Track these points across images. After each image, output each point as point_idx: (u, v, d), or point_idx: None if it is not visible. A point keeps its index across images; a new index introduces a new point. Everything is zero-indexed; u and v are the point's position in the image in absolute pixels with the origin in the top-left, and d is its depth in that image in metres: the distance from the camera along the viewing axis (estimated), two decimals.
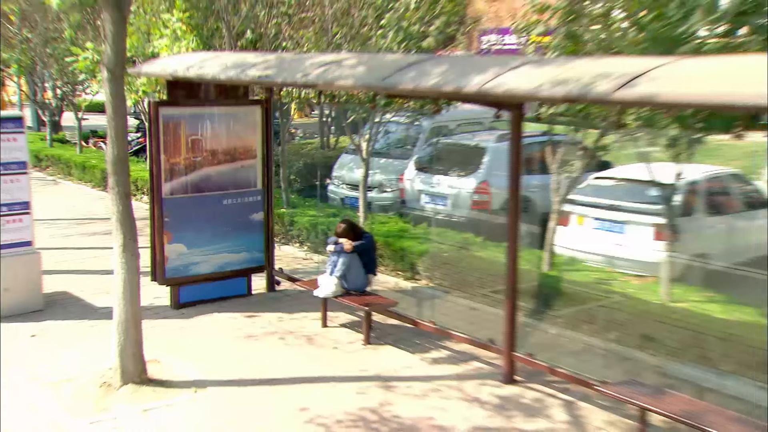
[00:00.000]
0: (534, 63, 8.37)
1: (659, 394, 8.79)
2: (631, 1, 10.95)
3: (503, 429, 9.23)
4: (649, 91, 6.69)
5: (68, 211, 20.64)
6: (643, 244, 13.72)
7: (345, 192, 20.06)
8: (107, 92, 9.90)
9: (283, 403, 9.88)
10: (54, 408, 9.79)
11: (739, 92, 6.24)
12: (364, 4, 16.23)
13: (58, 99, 28.30)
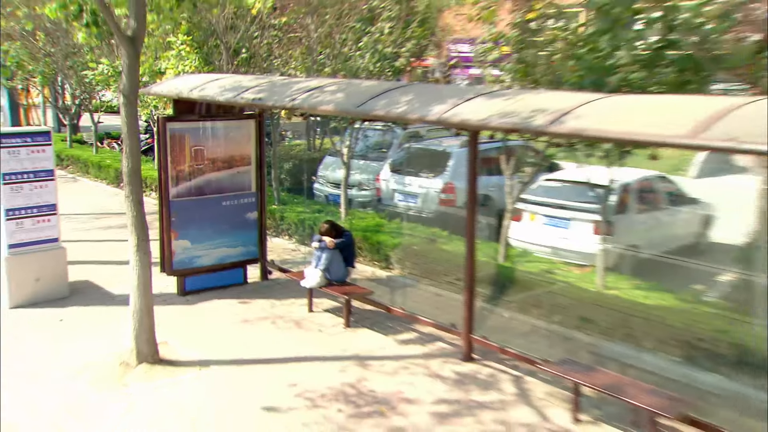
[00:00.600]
0: (486, 95, 8.70)
1: (590, 370, 9.22)
2: (570, 35, 11.37)
3: (461, 401, 9.58)
4: (576, 126, 7.18)
5: (87, 207, 20.47)
6: (584, 238, 13.94)
7: (329, 190, 19.97)
8: (123, 114, 10.17)
9: (275, 379, 10.16)
10: (81, 384, 10.08)
11: (645, 131, 6.76)
12: (344, 28, 16.39)
13: (76, 105, 28.29)
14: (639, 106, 7.54)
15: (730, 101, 6.59)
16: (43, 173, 12.79)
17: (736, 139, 5.96)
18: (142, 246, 10.31)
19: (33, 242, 12.83)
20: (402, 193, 18.27)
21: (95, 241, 16.99)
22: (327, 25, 16.43)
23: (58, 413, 9.42)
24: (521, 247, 15.10)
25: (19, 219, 12.64)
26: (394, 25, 15.95)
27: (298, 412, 9.34)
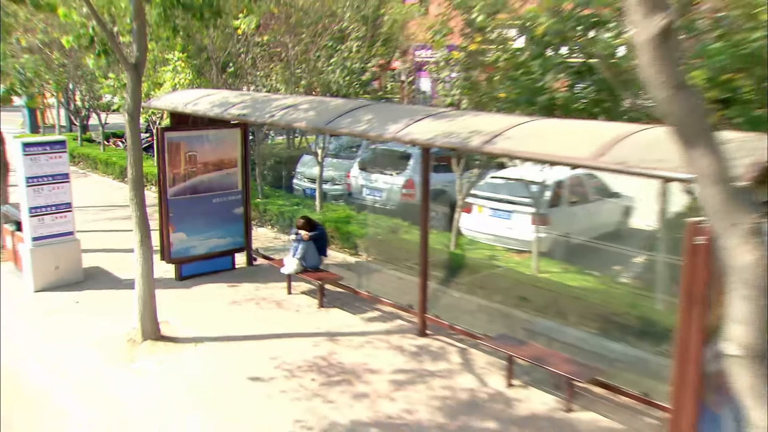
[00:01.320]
0: (433, 116, 9.08)
1: (521, 344, 9.78)
2: (508, 59, 11.76)
3: (416, 370, 10.06)
4: (504, 147, 7.69)
5: (96, 200, 20.52)
6: (523, 228, 14.27)
7: (306, 185, 20.05)
8: (127, 129, 10.59)
9: (259, 353, 10.57)
10: (96, 357, 10.57)
11: (557, 153, 7.30)
12: (319, 46, 16.70)
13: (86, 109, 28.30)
14: (555, 130, 7.99)
15: (624, 129, 7.09)
16: (60, 176, 13.12)
17: (625, 162, 6.53)
18: (145, 241, 10.76)
19: (52, 235, 13.19)
20: (369, 188, 18.43)
21: (104, 231, 17.13)
22: (303, 44, 16.63)
23: (80, 379, 9.93)
24: (471, 235, 15.42)
25: (41, 216, 13.00)
26: (361, 45, 16.27)
27: (277, 381, 9.75)
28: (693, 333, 6.24)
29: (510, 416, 8.88)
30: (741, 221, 4.19)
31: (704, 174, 4.21)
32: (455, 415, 8.88)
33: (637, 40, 4.07)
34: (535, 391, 9.47)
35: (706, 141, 4.17)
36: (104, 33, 10.00)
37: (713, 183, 4.19)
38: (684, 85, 4.11)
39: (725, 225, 4.23)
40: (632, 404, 8.91)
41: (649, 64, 4.05)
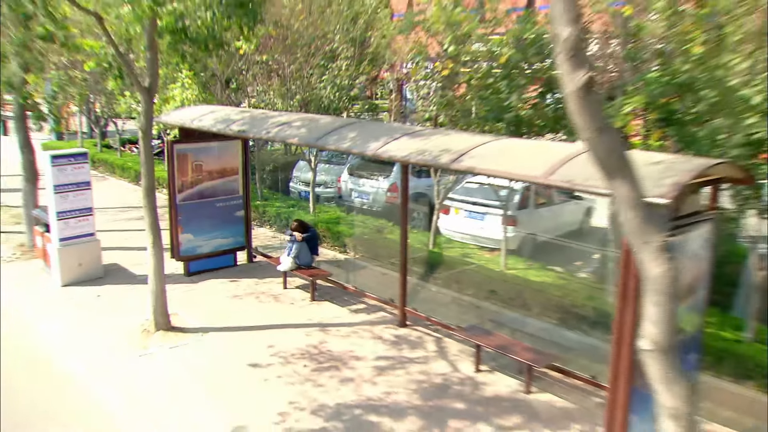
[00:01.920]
0: (409, 135, 9.37)
1: (488, 334, 10.21)
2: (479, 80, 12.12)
3: (396, 357, 10.45)
4: (469, 165, 8.07)
5: (114, 201, 20.74)
6: (495, 228, 14.54)
7: (301, 188, 20.08)
8: (141, 145, 10.97)
9: (257, 342, 10.94)
10: (115, 345, 10.98)
11: (514, 171, 7.70)
12: (311, 65, 17.02)
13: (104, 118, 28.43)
14: (513, 150, 8.32)
15: (573, 150, 7.45)
16: (83, 184, 13.51)
17: (572, 181, 6.96)
18: (157, 243, 11.15)
19: (76, 236, 13.58)
20: (357, 192, 18.63)
21: (121, 230, 17.37)
22: (298, 63, 16.86)
23: (102, 362, 10.40)
24: (449, 235, 15.70)
25: (66, 219, 13.40)
26: (350, 63, 16.57)
27: (274, 367, 10.14)
28: (626, 325, 6.70)
29: (477, 398, 9.32)
30: (652, 240, 4.65)
31: (622, 200, 4.67)
32: (429, 397, 9.29)
33: (565, 91, 4.53)
34: (500, 376, 9.90)
35: (624, 174, 4.63)
36: (121, 60, 10.38)
37: (630, 208, 4.66)
38: (605, 127, 4.57)
39: (640, 242, 4.70)
40: (583, 386, 9.39)
41: (576, 111, 4.51)
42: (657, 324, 4.76)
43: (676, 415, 4.89)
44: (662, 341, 4.78)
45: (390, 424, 8.66)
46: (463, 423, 8.69)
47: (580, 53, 4.38)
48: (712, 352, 9.88)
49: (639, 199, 4.65)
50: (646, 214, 4.66)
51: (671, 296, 4.70)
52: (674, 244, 6.93)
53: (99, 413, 9.17)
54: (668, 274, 4.66)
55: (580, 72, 4.38)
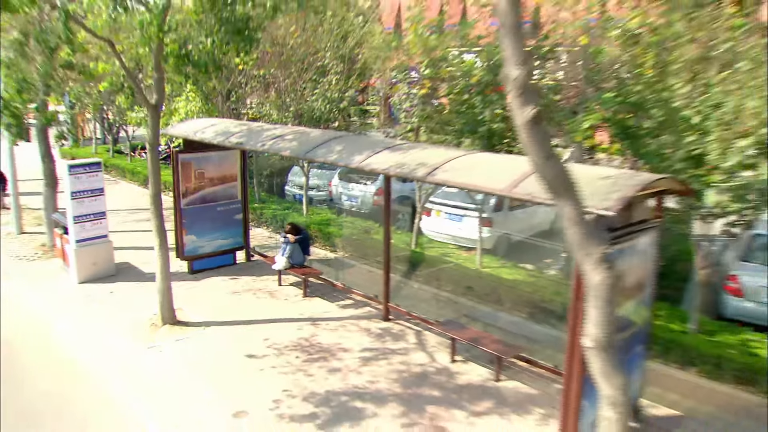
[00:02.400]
0: (390, 148, 9.67)
1: (462, 328, 10.53)
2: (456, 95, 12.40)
3: (380, 349, 10.74)
4: (442, 178, 8.37)
5: (125, 204, 20.91)
6: (472, 229, 14.77)
7: (296, 191, 20.18)
8: (148, 156, 11.26)
9: (254, 335, 11.22)
10: (126, 337, 11.29)
11: (481, 184, 8.03)
12: (304, 80, 17.22)
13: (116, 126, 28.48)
14: (482, 164, 8.60)
15: None
16: (97, 190, 13.83)
17: (532, 194, 7.30)
18: (163, 245, 11.44)
19: (91, 238, 13.89)
20: (347, 195, 18.82)
21: (131, 231, 17.56)
22: (292, 77, 17.08)
23: (114, 353, 10.72)
24: (430, 235, 15.93)
25: (82, 223, 13.71)
26: (339, 78, 16.81)
27: (269, 358, 10.44)
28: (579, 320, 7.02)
29: (452, 385, 9.65)
30: (592, 252, 5.01)
31: (567, 217, 5.02)
32: (409, 385, 9.61)
33: (517, 123, 4.87)
34: (473, 365, 10.22)
35: (568, 194, 4.99)
36: (131, 81, 10.67)
37: (573, 224, 5.00)
38: (551, 155, 4.92)
39: (582, 254, 5.06)
40: (547, 374, 9.74)
41: (525, 140, 4.85)
42: (597, 325, 5.12)
43: (613, 403, 5.26)
44: (602, 340, 5.14)
45: (373, 410, 8.97)
46: (438, 408, 9.02)
47: (529, 91, 4.72)
48: (661, 342, 10.29)
49: (581, 216, 5.00)
50: (587, 229, 5.01)
51: (609, 301, 5.06)
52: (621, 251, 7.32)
53: (112, 399, 9.51)
54: (607, 281, 5.01)
55: (528, 107, 4.73)
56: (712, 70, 9.08)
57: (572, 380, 7.24)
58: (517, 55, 4.64)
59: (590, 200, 6.87)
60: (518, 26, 4.63)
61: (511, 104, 4.81)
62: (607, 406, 5.33)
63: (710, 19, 9.33)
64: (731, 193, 8.92)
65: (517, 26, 4.63)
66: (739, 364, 9.64)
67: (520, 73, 4.66)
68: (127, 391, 9.64)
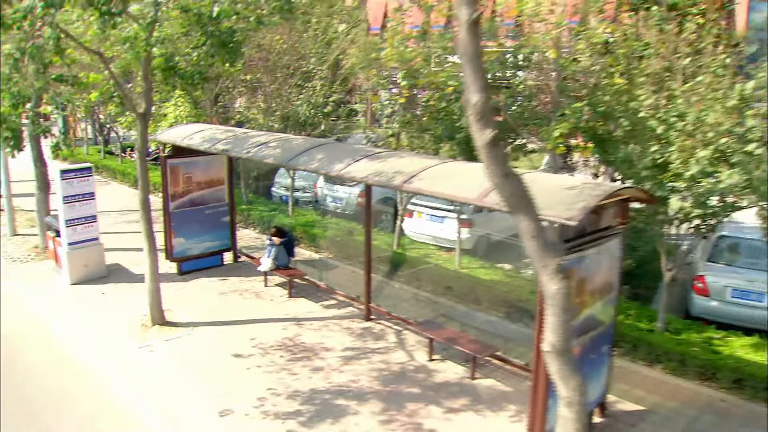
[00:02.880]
0: (369, 157, 9.88)
1: (439, 328, 10.84)
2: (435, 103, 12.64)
3: (361, 348, 11.03)
4: (418, 186, 8.63)
5: (115, 205, 20.96)
6: (453, 230, 14.90)
7: (282, 192, 20.05)
8: (137, 163, 11.50)
9: (241, 335, 11.49)
10: (116, 338, 11.54)
11: (454, 193, 8.31)
12: (290, 85, 17.42)
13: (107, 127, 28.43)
14: (456, 173, 8.85)
15: None
16: (88, 195, 14.03)
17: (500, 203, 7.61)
18: (152, 249, 11.68)
19: (83, 241, 14.10)
20: (332, 197, 18.96)
21: (122, 232, 17.67)
22: (278, 82, 17.28)
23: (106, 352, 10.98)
24: (413, 236, 16.13)
25: (74, 226, 13.92)
26: (324, 83, 17.04)
27: (254, 357, 10.72)
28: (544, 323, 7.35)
29: (430, 383, 9.96)
30: (548, 264, 5.32)
31: (525, 232, 5.33)
32: (388, 383, 9.92)
33: (477, 145, 5.17)
34: (450, 364, 10.53)
35: (525, 210, 5.30)
36: (120, 91, 10.90)
37: (530, 238, 5.32)
38: (509, 173, 5.23)
39: (539, 265, 5.37)
40: (520, 372, 10.05)
41: (485, 161, 5.16)
42: (554, 331, 5.44)
43: (570, 402, 5.59)
44: (558, 345, 5.46)
45: (355, 407, 9.28)
46: (416, 405, 9.34)
47: (487, 115, 5.02)
48: (630, 341, 10.66)
49: (537, 229, 5.31)
50: (544, 241, 5.33)
51: (565, 309, 5.38)
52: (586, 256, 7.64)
53: (106, 397, 9.83)
54: (562, 291, 5.33)
55: (487, 131, 5.03)
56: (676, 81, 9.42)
57: (539, 378, 7.56)
58: (476, 83, 4.94)
59: (555, 210, 7.21)
60: (477, 56, 4.92)
61: (472, 127, 5.11)
62: (564, 405, 5.65)
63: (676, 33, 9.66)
64: (693, 200, 9.26)
65: (477, 56, 4.92)
66: (702, 361, 10.01)
67: (479, 99, 4.95)
68: (119, 389, 9.95)
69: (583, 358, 8.14)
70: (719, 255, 12.46)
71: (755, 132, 8.73)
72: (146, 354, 10.96)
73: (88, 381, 10.33)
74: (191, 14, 9.66)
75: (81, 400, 9.75)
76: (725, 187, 8.78)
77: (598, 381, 8.70)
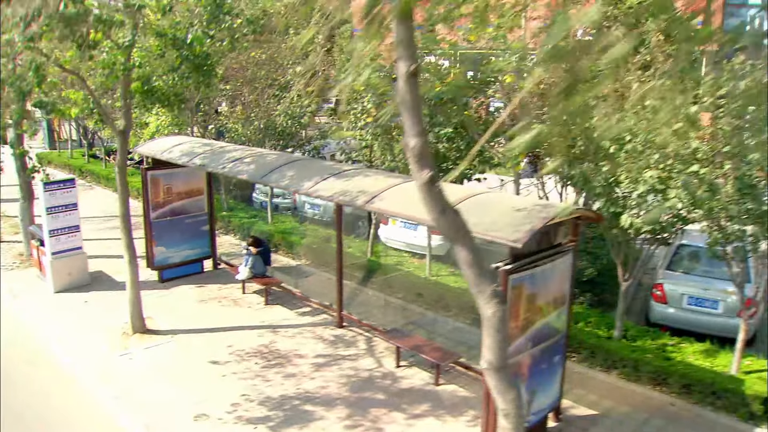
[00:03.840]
0: (336, 175, 10.35)
1: (405, 336, 11.32)
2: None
3: (332, 354, 11.49)
4: (379, 206, 9.12)
5: (99, 211, 21.40)
6: (425, 237, 15.27)
7: (263, 198, 20.10)
8: (117, 178, 11.90)
9: (219, 342, 11.95)
10: (98, 345, 11.98)
11: (411, 214, 8.76)
12: (268, 95, 17.83)
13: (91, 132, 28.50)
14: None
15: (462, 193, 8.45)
16: (71, 206, 14.46)
17: None
18: (132, 261, 12.12)
19: (66, 250, 14.54)
20: (310, 204, 19.23)
21: (105, 239, 18.00)
22: (256, 93, 17.69)
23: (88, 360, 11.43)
24: (388, 243, 16.56)
25: (58, 236, 14.36)
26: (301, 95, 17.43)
27: (231, 364, 11.20)
28: None
29: (395, 389, 10.47)
30: (484, 290, 5.83)
31: (462, 261, 5.84)
32: (356, 390, 10.42)
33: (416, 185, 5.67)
34: (416, 370, 11.03)
35: (463, 242, 5.80)
36: (100, 109, 11.34)
37: (467, 267, 5.82)
38: (446, 209, 5.73)
39: (476, 291, 5.88)
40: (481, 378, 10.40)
41: (423, 198, 5.66)
42: (491, 350, 5.95)
43: (507, 414, 6.11)
44: (495, 363, 5.98)
45: (322, 413, 9.78)
46: (381, 411, 9.85)
47: (424, 157, 5.51)
48: (588, 347, 11.20)
49: (474, 259, 5.81)
50: (480, 270, 5.84)
51: (500, 330, 5.89)
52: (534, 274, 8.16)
53: (84, 404, 10.29)
54: (497, 315, 5.84)
55: (424, 171, 5.53)
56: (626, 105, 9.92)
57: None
58: (414, 128, 5.43)
59: (503, 232, 7.75)
60: (416, 104, 5.41)
61: (411, 168, 5.60)
62: (502, 417, 6.17)
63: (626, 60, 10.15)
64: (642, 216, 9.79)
65: (415, 104, 5.40)
66: (654, 367, 10.55)
67: (417, 142, 5.43)
68: (99, 396, 10.41)
69: (534, 368, 8.69)
70: (678, 263, 13.01)
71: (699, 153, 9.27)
72: (126, 362, 11.40)
73: (70, 388, 10.77)
74: (167, 38, 10.12)
75: (61, 406, 10.21)
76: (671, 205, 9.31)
77: (552, 388, 9.23)
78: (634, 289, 15.15)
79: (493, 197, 8.97)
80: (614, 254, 11.17)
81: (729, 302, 11.84)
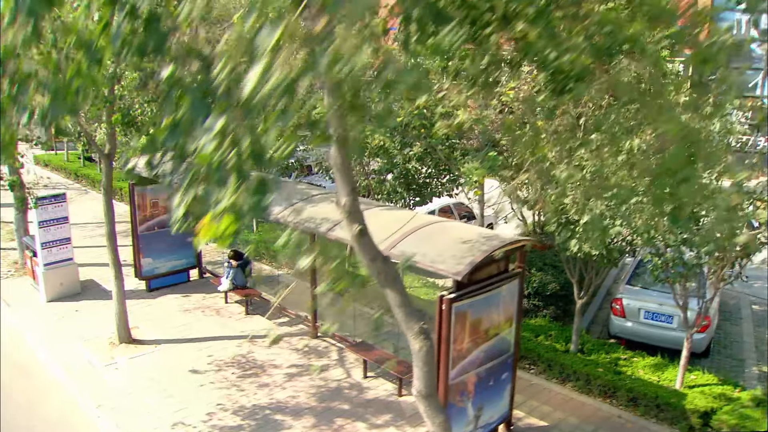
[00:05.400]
0: (305, 200, 11.07)
1: (370, 349, 12.00)
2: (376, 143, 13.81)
3: (305, 365, 12.18)
4: (338, 235, 9.82)
5: (92, 216, 21.77)
6: None
7: None
8: (103, 199, 12.60)
9: (200, 352, 12.64)
10: (86, 354, 12.69)
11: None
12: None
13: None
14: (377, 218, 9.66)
15: (416, 222, 9.29)
16: (62, 219, 15.18)
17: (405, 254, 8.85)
18: (118, 275, 12.82)
19: (58, 261, 15.28)
20: None
21: (96, 246, 18.34)
22: None
23: (76, 368, 12.13)
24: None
25: (50, 248, 15.09)
26: None
27: (209, 374, 11.92)
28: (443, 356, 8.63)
29: (360, 400, 11.20)
30: (413, 327, 6.58)
31: (392, 303, 6.59)
32: (324, 400, 11.15)
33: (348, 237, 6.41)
34: (381, 381, 11.76)
35: (392, 286, 6.54)
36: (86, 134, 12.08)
37: (397, 307, 6.57)
38: (377, 257, 6.46)
39: (405, 328, 6.63)
40: None
41: (355, 248, 6.40)
42: (420, 380, 6.70)
43: None
44: (424, 391, 6.73)
45: (290, 422, 10.53)
46: (345, 421, 10.60)
47: (354, 213, 6.24)
48: (545, 360, 11.93)
49: (403, 301, 6.56)
50: (408, 310, 6.59)
51: (428, 363, 6.64)
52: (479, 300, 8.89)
53: (69, 412, 11.06)
54: (424, 349, 6.59)
55: (355, 225, 6.26)
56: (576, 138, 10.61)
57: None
58: (345, 188, 6.15)
59: (446, 264, 8.49)
60: (347, 167, 6.14)
61: (343, 223, 6.33)
62: None
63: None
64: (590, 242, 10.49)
65: (346, 167, 6.13)
66: (604, 381, 11.28)
67: (348, 200, 6.16)
68: (86, 403, 11.18)
69: (480, 385, 9.43)
70: (637, 278, 13.72)
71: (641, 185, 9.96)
72: (111, 371, 12.15)
73: (56, 396, 11.54)
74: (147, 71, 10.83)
75: (47, 414, 10.97)
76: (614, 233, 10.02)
77: (500, 402, 9.98)
78: (602, 300, 15.93)
79: (444, 227, 9.70)
80: (569, 274, 11.90)
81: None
